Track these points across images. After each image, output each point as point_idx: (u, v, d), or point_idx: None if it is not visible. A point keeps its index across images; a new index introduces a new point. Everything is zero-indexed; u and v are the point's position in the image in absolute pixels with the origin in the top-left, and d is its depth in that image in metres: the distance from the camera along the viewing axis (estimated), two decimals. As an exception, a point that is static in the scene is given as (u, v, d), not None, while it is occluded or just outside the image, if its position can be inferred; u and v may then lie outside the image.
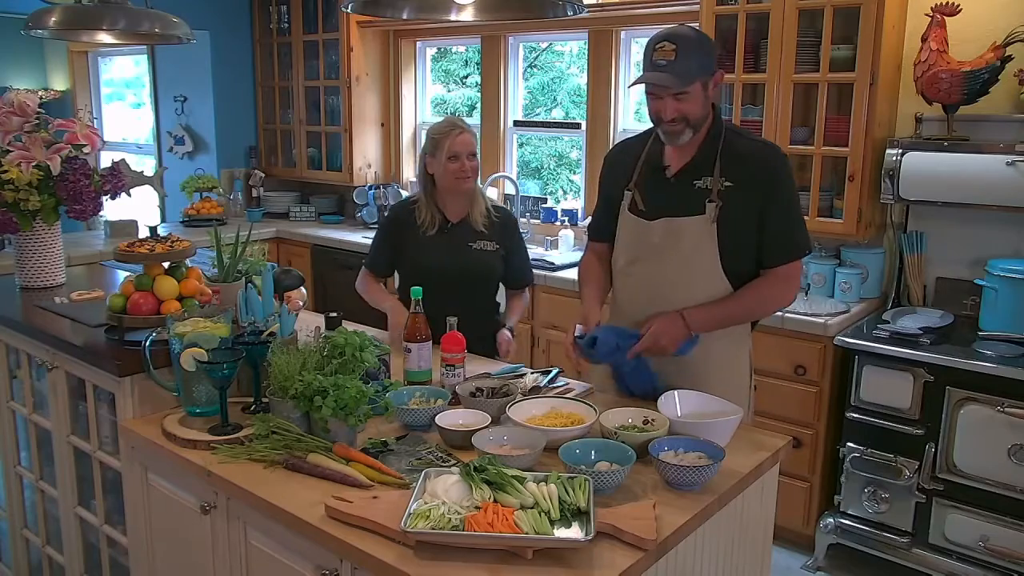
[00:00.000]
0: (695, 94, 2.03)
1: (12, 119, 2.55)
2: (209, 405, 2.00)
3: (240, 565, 1.82)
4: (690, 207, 2.11)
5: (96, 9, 2.83)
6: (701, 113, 2.07)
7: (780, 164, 2.13)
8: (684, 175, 2.15)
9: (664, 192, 2.17)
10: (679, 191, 2.14)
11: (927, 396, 2.85)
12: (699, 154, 2.13)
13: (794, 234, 2.14)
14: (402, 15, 2.30)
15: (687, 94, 2.02)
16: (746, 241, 2.11)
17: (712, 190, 2.09)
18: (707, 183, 2.10)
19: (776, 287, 2.15)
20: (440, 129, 2.65)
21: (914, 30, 3.18)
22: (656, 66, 2.01)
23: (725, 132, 2.14)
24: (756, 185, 2.08)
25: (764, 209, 2.09)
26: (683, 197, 2.13)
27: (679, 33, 2.03)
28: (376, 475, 1.70)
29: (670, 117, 2.05)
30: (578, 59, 4.80)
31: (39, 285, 2.74)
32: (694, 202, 2.11)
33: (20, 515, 2.79)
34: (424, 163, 2.70)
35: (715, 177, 2.10)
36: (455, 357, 2.19)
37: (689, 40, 2.01)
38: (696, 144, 2.13)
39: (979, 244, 3.16)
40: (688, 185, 2.13)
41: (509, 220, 2.80)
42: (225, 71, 5.34)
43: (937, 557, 2.88)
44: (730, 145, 2.12)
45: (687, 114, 2.04)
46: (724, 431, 1.84)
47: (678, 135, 2.08)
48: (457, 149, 2.61)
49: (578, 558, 1.43)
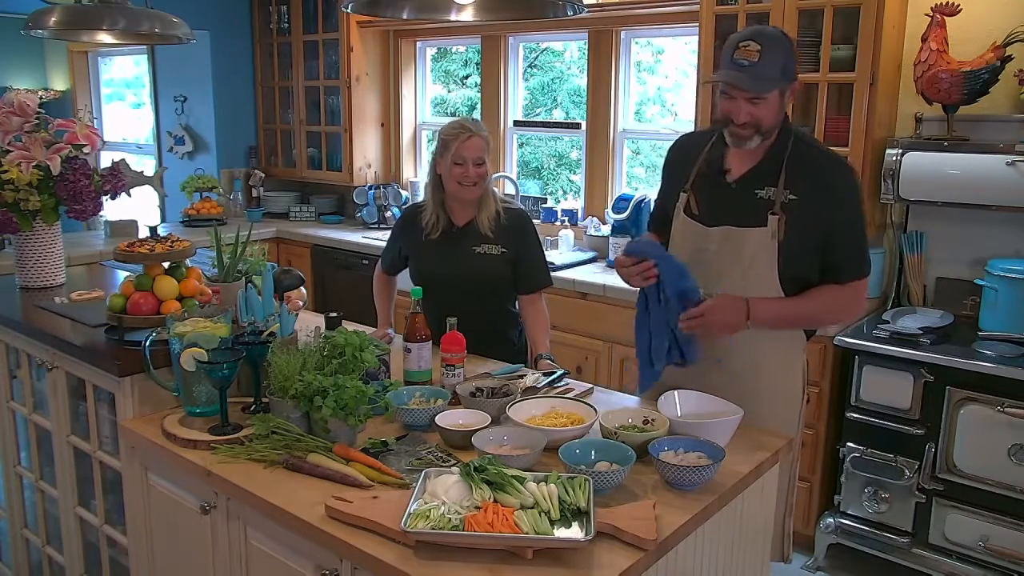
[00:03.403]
0: (772, 101, 1.95)
1: (12, 119, 2.55)
2: (209, 405, 2.00)
3: (240, 565, 1.82)
4: (751, 217, 2.03)
5: (96, 9, 2.83)
6: (774, 120, 1.98)
7: (848, 180, 2.04)
8: (745, 182, 2.06)
9: (723, 198, 2.09)
10: (739, 199, 2.05)
11: (927, 396, 2.85)
12: (764, 161, 2.04)
13: (862, 253, 2.07)
14: (402, 15, 2.29)
15: (764, 100, 1.93)
16: (806, 256, 2.04)
17: (775, 202, 2.00)
18: (770, 194, 2.01)
19: (847, 298, 2.08)
20: (450, 131, 2.54)
21: (914, 30, 3.18)
22: (737, 65, 1.92)
23: (794, 140, 2.04)
24: (822, 199, 1.99)
25: (831, 227, 2.01)
26: (743, 206, 2.04)
27: (766, 33, 1.94)
28: (376, 475, 1.71)
29: (742, 121, 1.96)
30: (578, 60, 4.80)
31: (39, 285, 2.74)
32: (756, 212, 2.02)
33: (20, 515, 2.79)
34: (433, 162, 2.61)
35: (779, 188, 2.00)
36: (455, 357, 2.19)
37: (775, 42, 1.92)
38: (762, 150, 2.04)
39: (979, 244, 3.16)
40: (749, 193, 2.04)
41: (518, 222, 2.65)
42: (225, 71, 5.34)
43: (937, 557, 2.88)
44: (798, 155, 2.02)
45: (760, 120, 1.96)
46: (724, 431, 1.84)
47: (746, 140, 1.99)
48: (464, 154, 2.50)
49: (578, 558, 1.44)
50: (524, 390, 2.16)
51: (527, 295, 2.68)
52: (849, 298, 2.09)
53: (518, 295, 2.70)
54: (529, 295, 2.68)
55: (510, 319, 2.74)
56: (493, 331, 2.63)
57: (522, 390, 2.15)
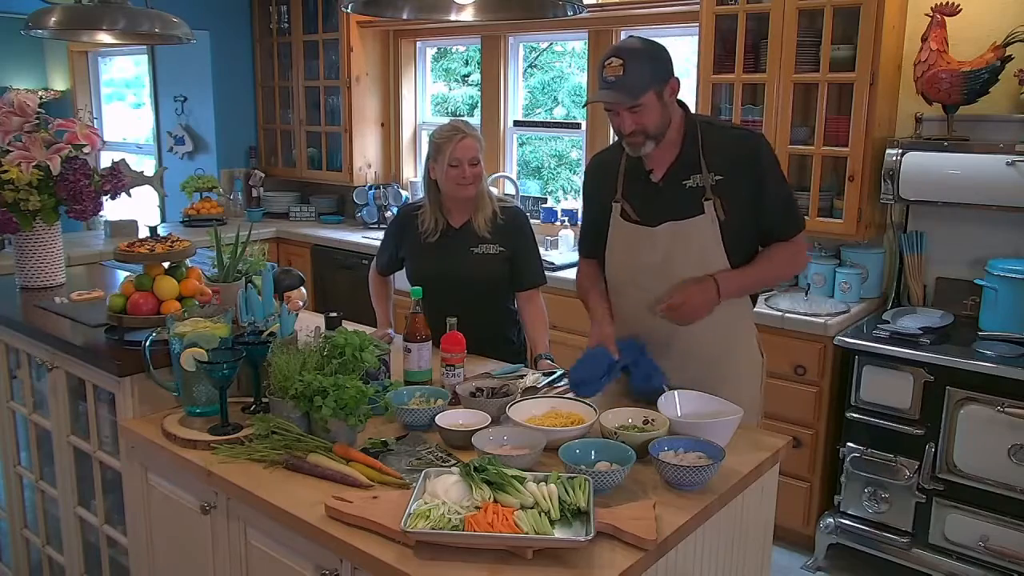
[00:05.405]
0: (650, 105, 2.02)
1: (12, 119, 2.55)
2: (209, 405, 2.00)
3: (240, 565, 1.82)
4: (688, 208, 2.11)
5: (96, 9, 2.82)
6: (659, 122, 2.05)
7: (761, 146, 2.14)
8: (671, 177, 2.14)
9: (655, 198, 2.16)
10: (670, 194, 2.13)
11: (927, 396, 2.85)
12: (681, 153, 2.13)
13: (793, 209, 2.19)
14: (402, 15, 2.29)
15: (641, 107, 2.01)
16: (746, 230, 2.13)
17: (705, 187, 2.09)
18: (697, 181, 2.10)
19: (793, 252, 2.19)
20: (442, 134, 2.56)
21: (914, 30, 3.18)
22: (606, 83, 2.01)
23: (700, 127, 2.14)
24: (744, 172, 2.09)
25: (758, 193, 2.10)
26: (677, 200, 2.12)
27: (625, 47, 2.03)
28: (376, 475, 1.70)
29: (628, 131, 2.05)
30: (579, 59, 4.80)
31: (39, 285, 2.74)
32: (690, 203, 2.11)
33: (20, 515, 2.79)
34: (427, 168, 2.63)
35: (704, 173, 2.10)
36: (455, 357, 2.19)
37: (636, 52, 2.01)
38: (675, 144, 2.13)
39: (979, 244, 3.16)
40: (678, 186, 2.12)
41: (515, 220, 2.67)
42: (225, 71, 5.34)
43: (937, 557, 2.88)
44: (709, 139, 2.12)
45: (645, 126, 2.04)
46: (724, 431, 1.84)
47: (639, 147, 2.08)
48: (459, 156, 2.52)
49: (578, 558, 1.43)
50: (524, 390, 2.16)
51: (524, 292, 2.69)
52: (795, 252, 2.20)
53: (516, 293, 2.71)
54: (527, 292, 2.69)
55: (509, 319, 2.74)
56: (492, 331, 2.63)
57: (522, 390, 2.15)
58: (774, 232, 2.16)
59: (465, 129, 2.56)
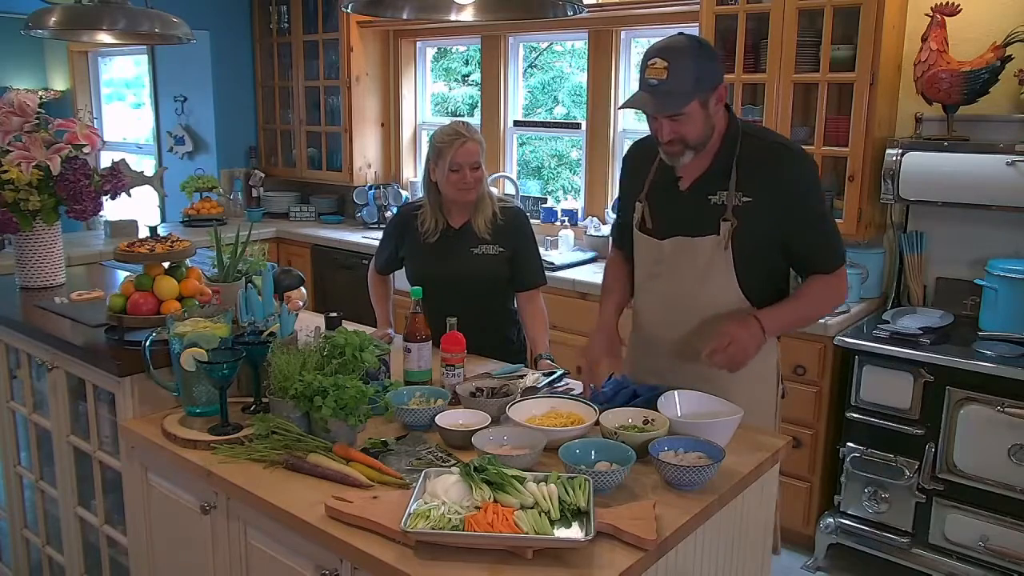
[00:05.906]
0: (692, 114, 1.87)
1: (12, 119, 2.55)
2: (209, 405, 2.00)
3: (240, 565, 1.82)
4: (703, 225, 1.98)
5: (96, 9, 2.82)
6: (701, 133, 1.91)
7: (804, 170, 1.97)
8: (698, 188, 2.01)
9: (676, 207, 2.04)
10: (692, 206, 2.01)
11: (927, 396, 2.85)
12: (714, 164, 1.98)
13: (833, 240, 2.02)
14: (402, 15, 2.29)
15: (683, 115, 1.86)
16: (765, 257, 2.01)
17: (727, 206, 1.95)
18: (723, 198, 1.96)
19: (834, 286, 2.05)
20: (444, 138, 2.52)
21: (914, 30, 3.18)
22: (647, 86, 1.85)
23: (742, 136, 1.97)
24: (778, 198, 1.94)
25: (788, 220, 1.95)
26: (696, 213, 2.00)
27: (671, 47, 1.85)
28: (376, 475, 1.70)
29: (667, 139, 1.91)
30: (579, 59, 4.80)
31: (39, 285, 2.74)
32: (707, 220, 1.98)
33: (20, 515, 2.79)
34: (427, 169, 2.61)
35: (731, 191, 1.95)
36: (455, 357, 2.19)
37: (683, 53, 1.83)
38: (711, 153, 1.98)
39: (979, 244, 3.16)
40: (702, 200, 1.99)
41: (515, 220, 2.65)
42: (225, 71, 5.34)
43: (937, 557, 2.89)
44: (748, 153, 1.96)
45: (684, 136, 1.89)
46: (724, 431, 1.84)
47: (677, 156, 1.94)
48: (460, 160, 2.49)
49: (578, 558, 1.43)
50: (524, 390, 2.16)
51: (524, 292, 2.69)
52: (837, 286, 2.06)
53: (516, 293, 2.71)
54: (527, 292, 2.68)
55: (509, 319, 2.74)
56: (492, 331, 2.63)
57: (522, 390, 2.15)
58: (810, 264, 2.02)
59: (467, 133, 2.52)
